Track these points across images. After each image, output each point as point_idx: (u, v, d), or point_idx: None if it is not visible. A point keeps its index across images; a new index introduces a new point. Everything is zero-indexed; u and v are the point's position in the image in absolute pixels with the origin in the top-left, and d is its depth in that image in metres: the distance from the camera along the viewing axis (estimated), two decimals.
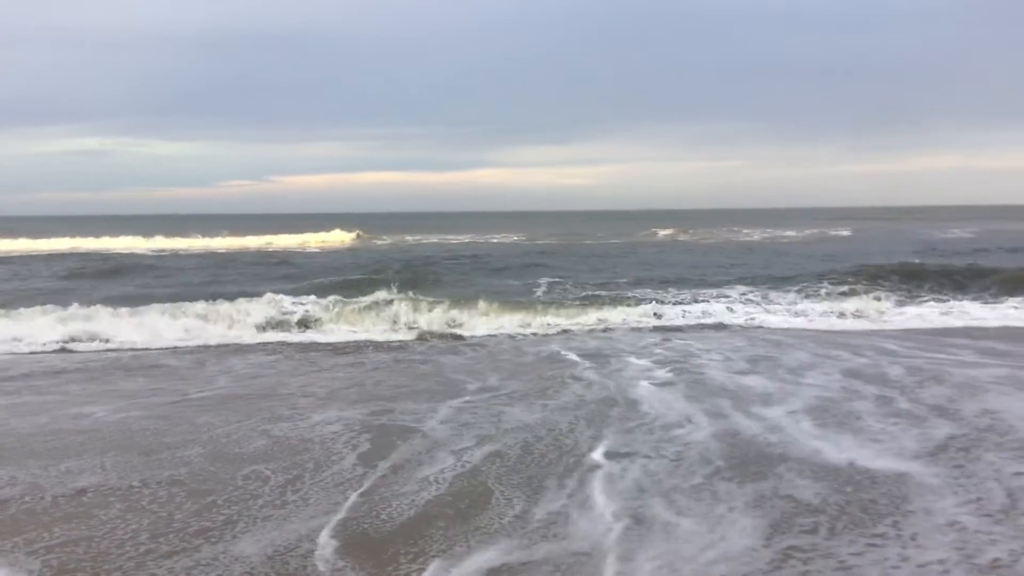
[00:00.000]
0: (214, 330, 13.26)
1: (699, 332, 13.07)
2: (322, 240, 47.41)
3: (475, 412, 7.53)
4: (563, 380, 8.99)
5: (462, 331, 13.41)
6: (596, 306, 15.66)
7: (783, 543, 4.41)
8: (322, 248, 41.17)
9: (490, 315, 14.62)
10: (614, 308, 15.32)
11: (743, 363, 9.85)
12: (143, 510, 5.09)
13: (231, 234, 49.25)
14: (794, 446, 6.21)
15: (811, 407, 7.46)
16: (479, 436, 6.66)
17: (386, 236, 52.56)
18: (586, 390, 8.43)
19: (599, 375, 9.20)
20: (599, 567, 4.18)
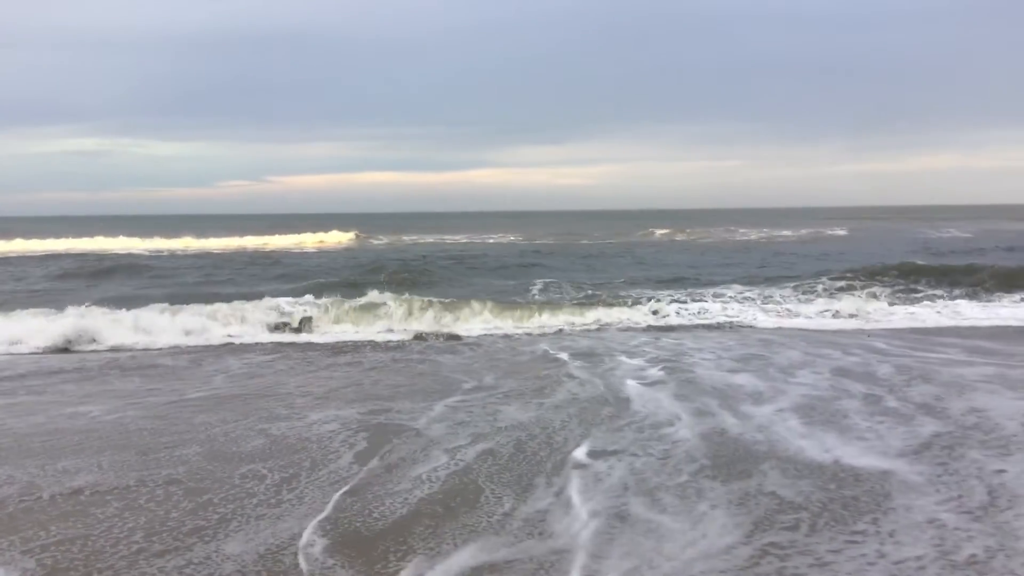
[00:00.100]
0: (212, 331, 13.33)
1: (693, 331, 13.18)
2: (320, 240, 47.48)
3: (470, 411, 7.62)
4: (557, 379, 9.08)
5: (459, 331, 13.52)
6: (592, 306, 15.78)
7: (763, 540, 4.49)
8: (320, 248, 41.25)
9: (486, 315, 14.75)
10: (609, 308, 15.43)
11: (734, 362, 9.94)
12: (139, 509, 5.15)
13: (229, 234, 49.29)
14: (780, 444, 6.30)
15: (799, 406, 7.55)
16: (473, 434, 6.75)
17: (383, 236, 52.64)
18: (579, 389, 8.52)
19: (592, 374, 9.29)
20: (580, 564, 4.27)
